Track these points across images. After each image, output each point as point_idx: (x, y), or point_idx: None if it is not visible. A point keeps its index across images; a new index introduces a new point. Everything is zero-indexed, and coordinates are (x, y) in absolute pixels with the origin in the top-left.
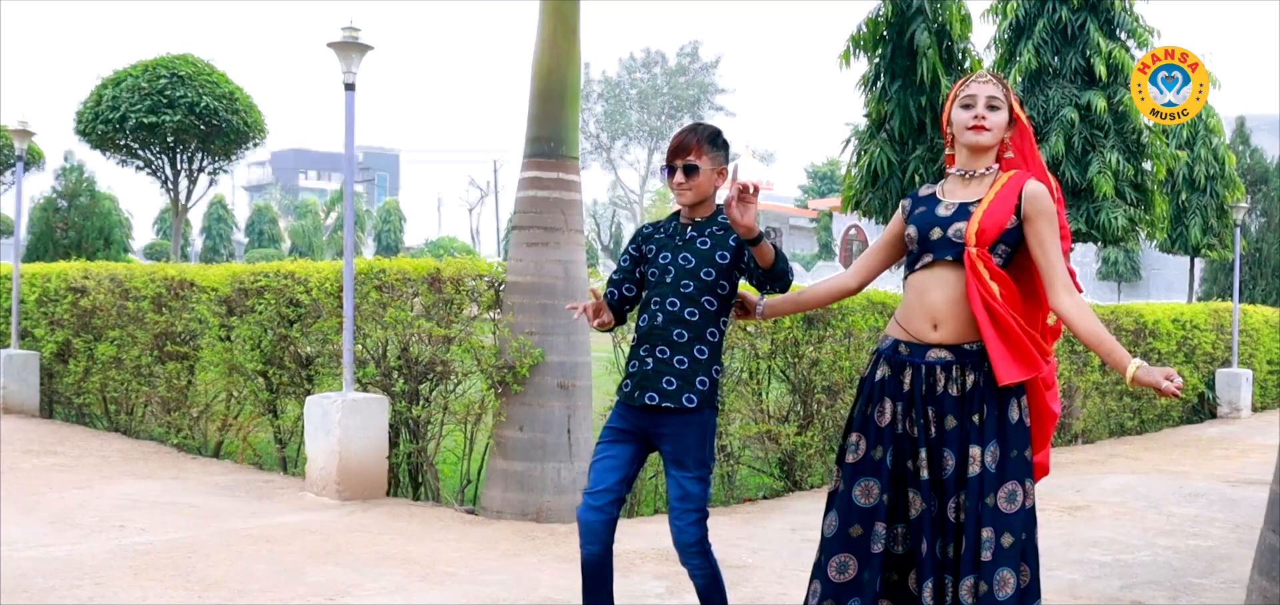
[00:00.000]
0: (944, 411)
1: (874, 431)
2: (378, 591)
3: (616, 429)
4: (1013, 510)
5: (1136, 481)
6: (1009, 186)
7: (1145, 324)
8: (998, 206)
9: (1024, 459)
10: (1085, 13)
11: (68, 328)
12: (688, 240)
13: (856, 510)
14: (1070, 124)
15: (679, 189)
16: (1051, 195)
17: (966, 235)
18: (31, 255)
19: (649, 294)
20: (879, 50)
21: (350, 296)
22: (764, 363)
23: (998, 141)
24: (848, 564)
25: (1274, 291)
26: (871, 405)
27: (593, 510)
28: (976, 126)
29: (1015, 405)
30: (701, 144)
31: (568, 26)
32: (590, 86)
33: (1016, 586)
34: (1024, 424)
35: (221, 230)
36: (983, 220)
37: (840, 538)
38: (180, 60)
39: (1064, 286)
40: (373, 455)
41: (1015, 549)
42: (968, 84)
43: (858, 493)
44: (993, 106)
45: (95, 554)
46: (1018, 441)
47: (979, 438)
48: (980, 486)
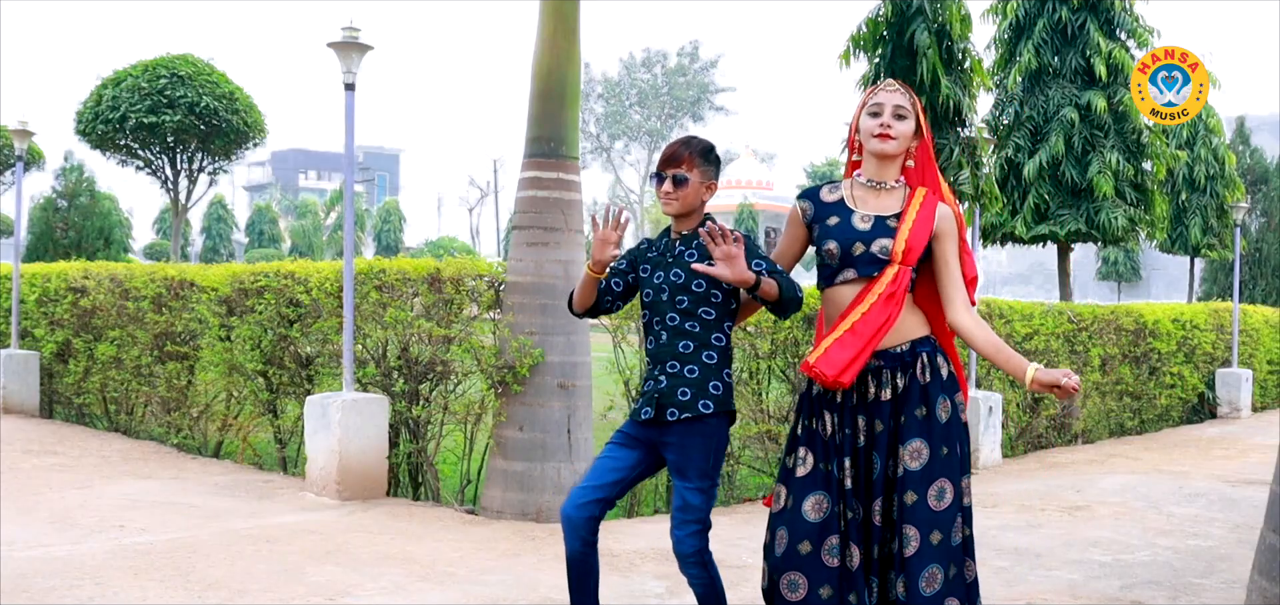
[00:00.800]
0: (875, 416)
1: (820, 445)
2: (378, 591)
3: (626, 434)
4: (941, 507)
5: (1136, 481)
6: (926, 207)
7: (1145, 324)
8: (920, 227)
9: (955, 457)
10: (1085, 13)
11: (68, 328)
12: (676, 256)
13: (806, 525)
14: (1070, 124)
15: (666, 198)
16: (956, 216)
17: (893, 253)
18: (31, 255)
19: (650, 316)
20: (879, 50)
21: (350, 296)
22: (764, 363)
23: (903, 151)
24: (798, 582)
25: (1274, 291)
26: (813, 419)
27: (575, 506)
28: (882, 134)
29: (944, 403)
30: (694, 156)
31: (568, 26)
32: (590, 86)
33: (944, 581)
34: (957, 422)
35: (221, 230)
36: (909, 239)
37: (790, 555)
38: (180, 60)
39: (963, 305)
40: (373, 455)
41: (944, 546)
42: (876, 92)
43: (808, 507)
44: (899, 116)
45: (95, 554)
46: (947, 440)
47: (904, 436)
48: (903, 485)
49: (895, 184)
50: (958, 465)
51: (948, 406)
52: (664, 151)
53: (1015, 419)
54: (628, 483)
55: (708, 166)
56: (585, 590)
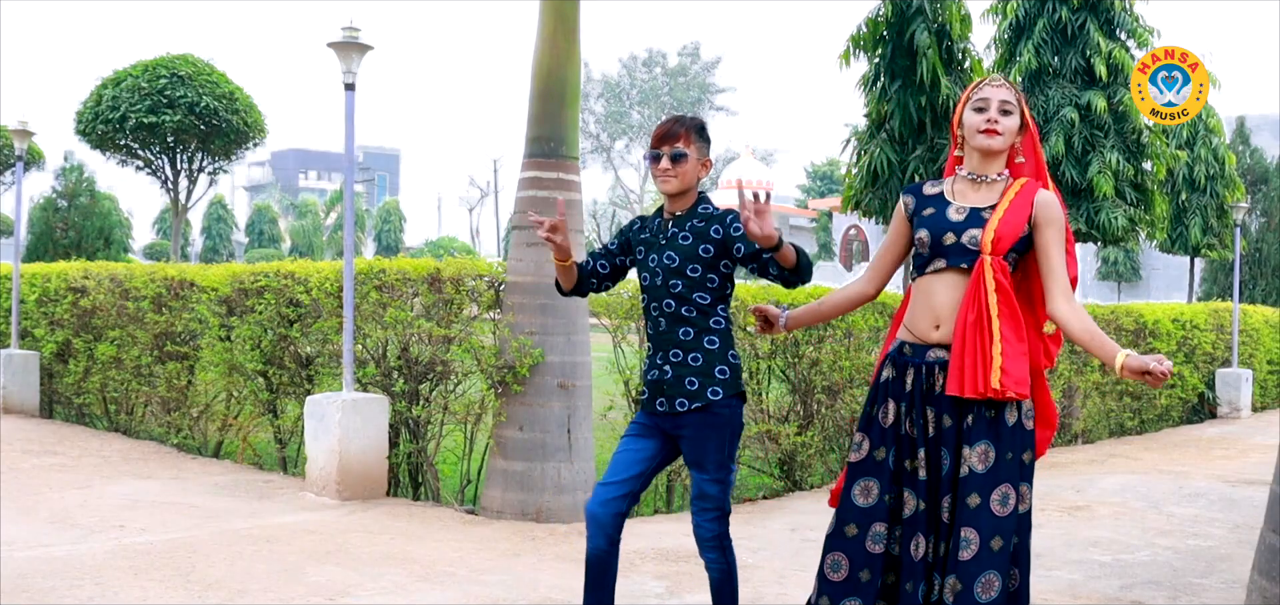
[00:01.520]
0: (942, 411)
1: (878, 432)
2: (378, 591)
3: (641, 424)
4: (1004, 513)
5: (1136, 481)
6: (1022, 195)
7: (1145, 324)
8: (1013, 215)
9: (1021, 462)
10: (1085, 13)
11: (68, 328)
12: (670, 238)
13: (854, 510)
14: (1070, 124)
15: (664, 176)
16: (1060, 203)
17: (982, 243)
18: (31, 255)
19: (646, 300)
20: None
21: (350, 296)
22: (764, 363)
23: (1009, 146)
24: (840, 563)
25: (1274, 291)
26: (876, 406)
27: (602, 503)
28: (989, 130)
29: (1013, 407)
30: (689, 132)
31: (568, 26)
32: (590, 86)
33: (1002, 590)
34: (1023, 427)
35: (221, 230)
36: (999, 228)
37: (836, 535)
38: (180, 60)
39: (1063, 294)
40: (373, 455)
41: (1004, 552)
42: (981, 87)
43: (857, 492)
44: (1006, 111)
45: (95, 554)
46: (1014, 444)
47: (970, 438)
48: (967, 486)
49: (997, 177)
50: (1019, 472)
51: (1016, 410)
52: (658, 129)
53: None
54: (650, 474)
55: (703, 143)
56: (603, 588)
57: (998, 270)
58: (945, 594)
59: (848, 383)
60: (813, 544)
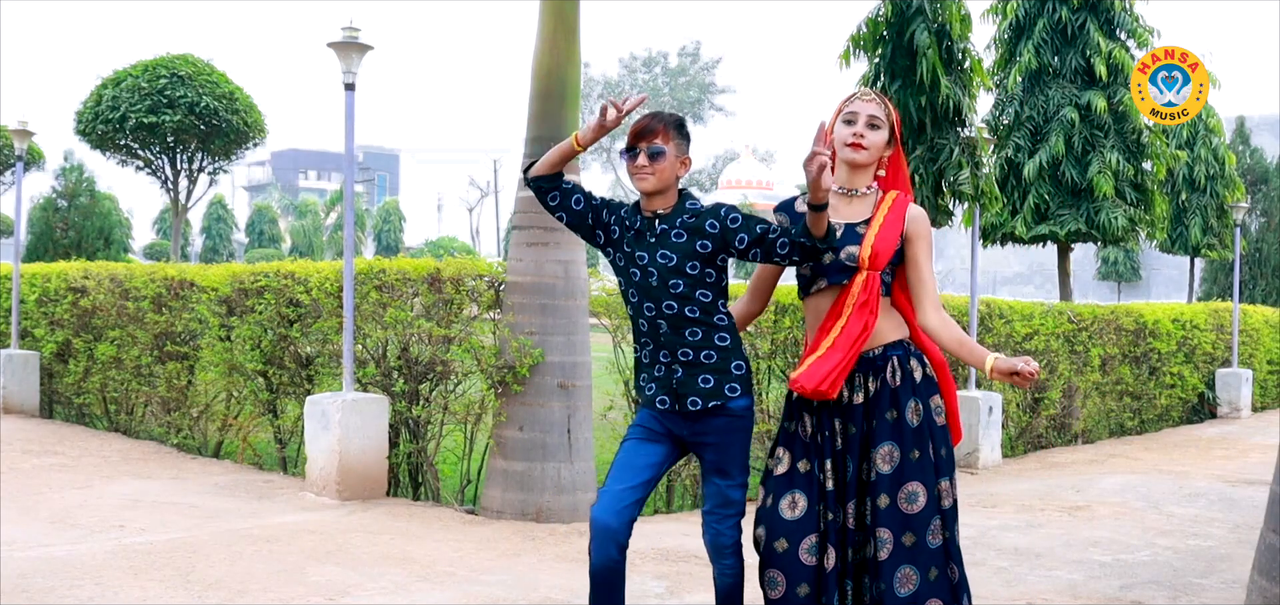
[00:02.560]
0: (849, 420)
1: (799, 446)
2: (378, 591)
3: (647, 428)
4: (913, 511)
5: (1136, 481)
6: (894, 210)
7: (1145, 324)
8: (888, 230)
9: (929, 460)
10: (1085, 13)
11: (68, 328)
12: (660, 235)
13: (782, 523)
14: (1070, 124)
15: (640, 173)
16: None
17: (860, 258)
18: (31, 255)
19: (639, 297)
20: (879, 50)
21: (350, 296)
22: (764, 363)
23: (875, 161)
24: (777, 580)
25: (1274, 291)
26: (793, 421)
27: (612, 511)
28: (855, 144)
29: (915, 407)
30: (667, 128)
31: (568, 26)
32: (590, 87)
33: (922, 582)
34: (930, 424)
35: (221, 230)
36: (876, 244)
37: (768, 552)
38: (180, 60)
39: (933, 304)
40: (373, 455)
41: (918, 548)
42: (852, 101)
43: (784, 506)
44: (873, 126)
45: (95, 554)
46: (920, 442)
47: (875, 441)
48: (876, 489)
49: (866, 190)
50: (932, 468)
51: (918, 410)
52: (634, 125)
53: (1015, 419)
54: (656, 479)
55: (681, 140)
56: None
57: (865, 287)
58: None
59: None
60: None
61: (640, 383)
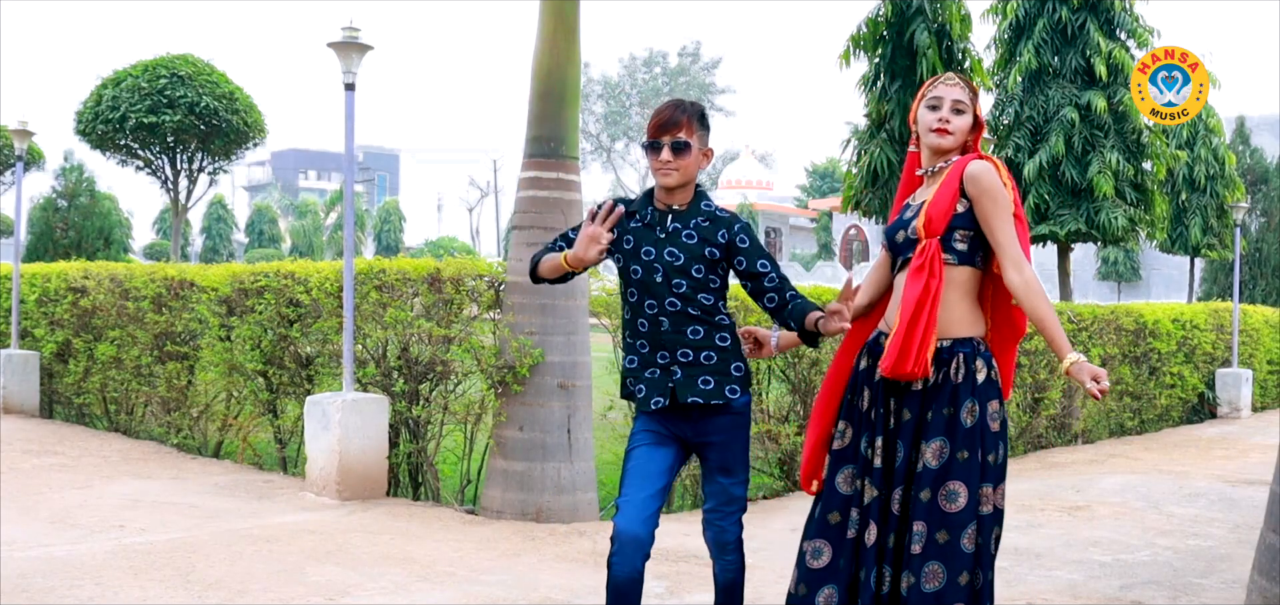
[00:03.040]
0: (903, 404)
1: (858, 419)
2: (378, 591)
3: (653, 432)
4: (952, 509)
5: (1136, 481)
6: (951, 173)
7: (1145, 324)
8: (941, 195)
9: (976, 463)
10: (1085, 13)
11: (68, 328)
12: (671, 232)
13: (838, 497)
14: (1070, 124)
15: (664, 169)
16: (997, 174)
17: (917, 229)
18: (31, 255)
19: (639, 295)
20: (879, 50)
21: (350, 296)
22: (764, 362)
23: (959, 145)
24: (822, 550)
25: (1274, 291)
26: (855, 394)
27: (639, 521)
28: (940, 129)
29: (971, 407)
30: (691, 120)
31: (568, 26)
32: (590, 87)
33: (948, 582)
34: (982, 427)
35: (221, 230)
36: (928, 210)
37: (818, 523)
38: (180, 60)
39: (1013, 263)
40: (373, 455)
41: (950, 547)
42: (935, 85)
43: (840, 480)
44: (958, 110)
45: (95, 554)
46: (968, 444)
47: (928, 434)
48: (919, 481)
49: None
50: (978, 471)
51: (974, 411)
52: (657, 116)
53: (1015, 419)
54: (671, 483)
55: (704, 131)
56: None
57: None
58: (903, 587)
59: None
60: None
61: (631, 387)
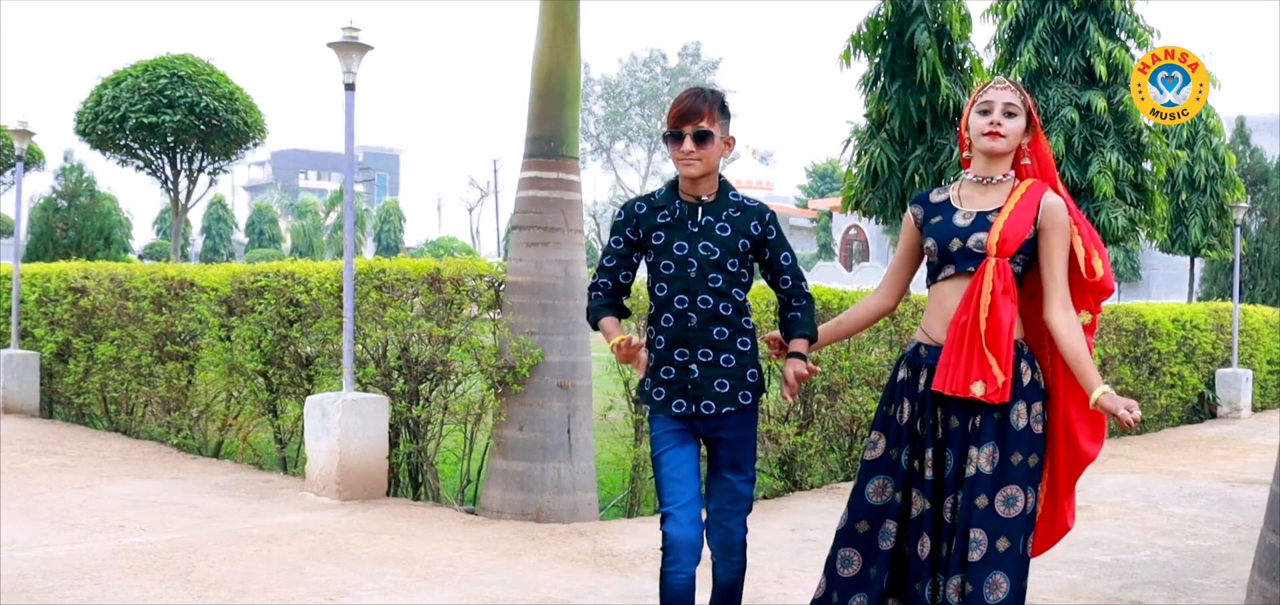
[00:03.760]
0: (950, 412)
1: (894, 431)
2: (378, 591)
3: (676, 431)
4: (1011, 515)
5: (1136, 481)
6: (1028, 197)
7: (1145, 324)
8: (1018, 217)
9: (1028, 466)
10: (1085, 13)
11: (68, 328)
12: (703, 226)
13: (866, 506)
14: (1070, 124)
15: (686, 159)
16: (1068, 208)
17: (987, 245)
18: (31, 255)
19: (669, 289)
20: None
21: (350, 296)
22: (765, 363)
23: (1013, 148)
24: (852, 558)
25: (1274, 291)
26: (892, 405)
27: (688, 524)
28: (992, 133)
29: (1021, 410)
30: (713, 109)
31: (568, 26)
32: (590, 87)
33: (1011, 590)
34: (1032, 431)
35: (221, 230)
36: (1004, 230)
37: (847, 532)
38: (180, 60)
39: (1061, 302)
40: (373, 455)
41: (1011, 553)
42: (986, 90)
43: (871, 489)
44: (1010, 113)
45: (95, 554)
46: (1021, 447)
47: (978, 439)
48: (973, 487)
49: (1003, 179)
50: (1028, 474)
51: (1023, 414)
52: (678, 106)
53: None
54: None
55: (725, 119)
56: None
57: (998, 274)
58: (950, 594)
59: (848, 383)
60: (813, 544)
61: (649, 389)
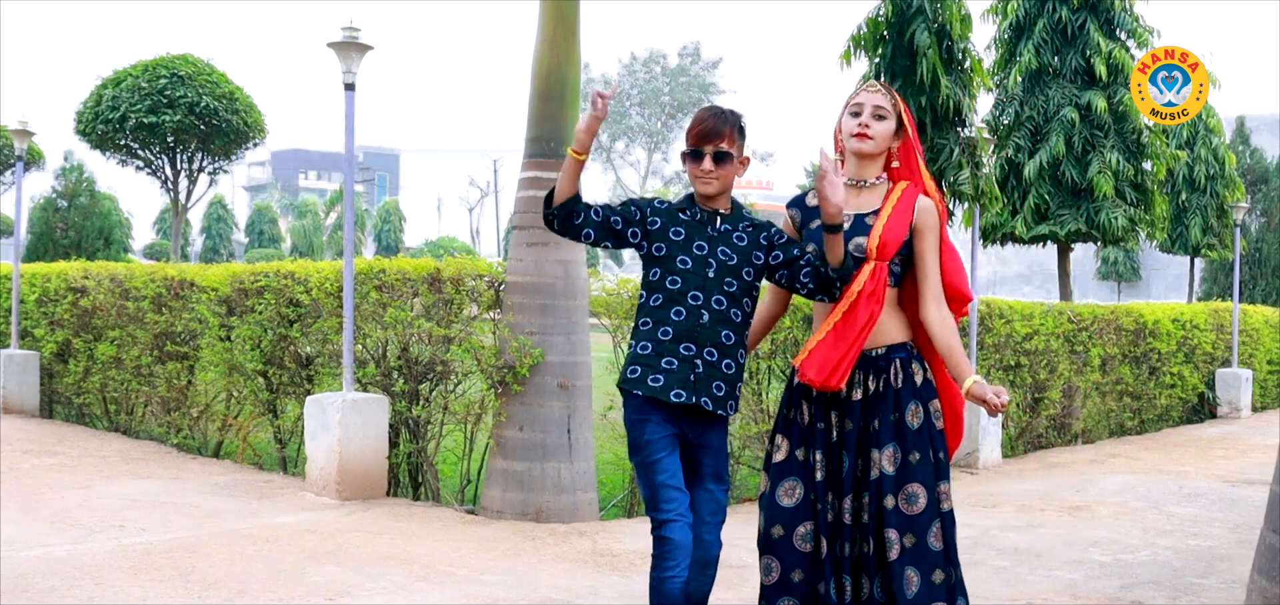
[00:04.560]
0: (846, 415)
1: (796, 433)
2: (378, 591)
3: (670, 435)
4: (913, 512)
5: (1136, 481)
6: (904, 200)
7: (1145, 324)
8: (896, 221)
9: (929, 462)
10: (1085, 13)
11: (68, 328)
12: (723, 233)
13: (779, 510)
14: (1070, 124)
15: (704, 178)
16: (937, 210)
17: (868, 249)
18: (31, 255)
19: (683, 283)
20: (879, 50)
21: (350, 296)
22: (764, 362)
23: (883, 151)
24: (772, 565)
25: (1274, 291)
26: (791, 408)
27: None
28: (861, 134)
29: (915, 409)
30: (733, 130)
31: (568, 26)
32: (590, 87)
33: (923, 583)
34: (930, 428)
35: (221, 230)
36: (883, 234)
37: (765, 538)
38: (180, 60)
39: (935, 299)
40: (373, 455)
41: (919, 549)
42: (858, 93)
43: (781, 493)
44: (879, 116)
45: (95, 554)
46: (920, 445)
47: (878, 442)
48: (880, 489)
49: (876, 181)
50: (932, 471)
51: (918, 413)
52: (698, 125)
53: (1015, 419)
54: None
55: (742, 140)
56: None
57: (872, 276)
58: (877, 591)
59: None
60: None
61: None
